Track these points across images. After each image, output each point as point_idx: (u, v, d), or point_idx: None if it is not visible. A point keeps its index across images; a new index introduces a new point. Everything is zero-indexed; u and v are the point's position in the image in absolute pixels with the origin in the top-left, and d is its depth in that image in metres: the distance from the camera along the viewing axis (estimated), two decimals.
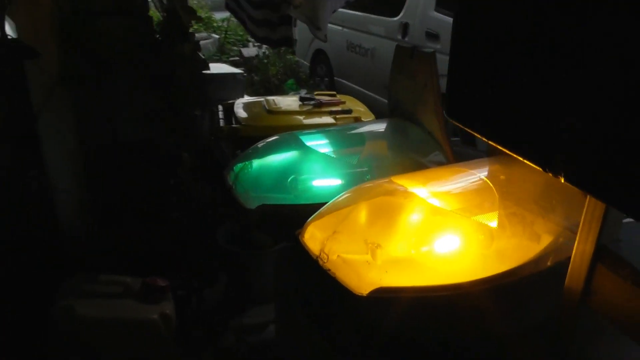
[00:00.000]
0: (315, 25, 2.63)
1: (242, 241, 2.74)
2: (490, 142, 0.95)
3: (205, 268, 2.90)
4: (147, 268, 2.65)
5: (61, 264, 2.16)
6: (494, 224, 1.31)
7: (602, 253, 0.95)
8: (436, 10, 4.74)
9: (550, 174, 0.80)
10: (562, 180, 0.78)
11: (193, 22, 2.57)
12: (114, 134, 2.64)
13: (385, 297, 1.11)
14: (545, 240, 1.31)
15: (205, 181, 3.09)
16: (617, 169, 0.69)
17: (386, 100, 5.24)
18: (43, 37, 1.96)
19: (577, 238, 0.99)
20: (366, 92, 5.79)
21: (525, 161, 0.86)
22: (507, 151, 0.90)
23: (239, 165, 1.82)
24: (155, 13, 2.96)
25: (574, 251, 1.01)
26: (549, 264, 1.20)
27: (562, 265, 1.21)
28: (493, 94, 0.92)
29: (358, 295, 1.12)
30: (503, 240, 1.30)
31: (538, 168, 0.83)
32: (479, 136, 0.97)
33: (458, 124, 1.01)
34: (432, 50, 1.69)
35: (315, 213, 1.39)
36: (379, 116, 3.38)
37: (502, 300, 1.16)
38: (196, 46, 2.64)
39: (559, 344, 1.08)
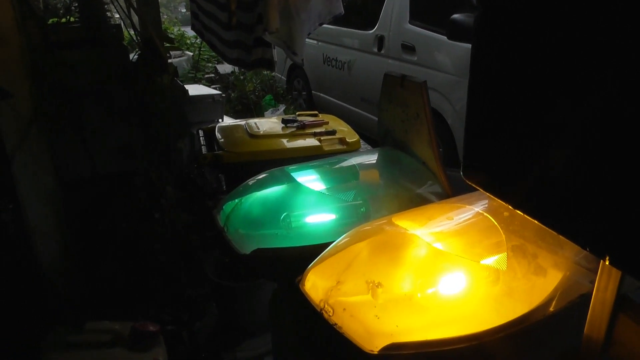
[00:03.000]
0: (292, 50, 2.58)
1: (231, 271, 2.68)
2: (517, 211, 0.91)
3: (194, 300, 2.84)
4: (135, 305, 2.57)
5: (43, 313, 2.06)
6: (499, 264, 1.27)
7: (623, 302, 0.92)
8: (410, 22, 4.76)
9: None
10: (607, 263, 0.74)
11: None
12: (93, 168, 2.55)
13: (398, 353, 1.06)
14: (553, 276, 1.27)
15: (188, 210, 3.02)
16: None
17: (365, 113, 5.30)
18: (15, 77, 1.87)
19: (596, 286, 0.96)
20: (344, 104, 5.80)
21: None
22: (539, 222, 0.86)
23: (230, 204, 1.75)
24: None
25: (592, 299, 0.97)
26: (561, 305, 1.17)
27: (574, 306, 1.19)
28: (517, 159, 0.87)
29: (369, 352, 1.06)
30: (509, 279, 1.26)
31: (577, 245, 0.79)
32: (503, 202, 0.93)
33: (477, 187, 0.97)
34: (423, 80, 1.65)
35: (315, 259, 1.34)
36: (359, 129, 3.35)
37: (517, 347, 1.12)
38: (175, 74, 2.57)
39: None
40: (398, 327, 1.15)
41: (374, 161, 1.94)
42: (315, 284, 1.28)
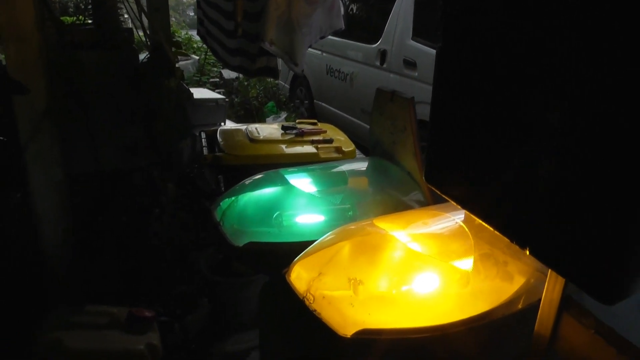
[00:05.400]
0: (293, 61, 2.72)
1: (224, 268, 2.79)
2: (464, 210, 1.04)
3: (187, 294, 2.94)
4: (130, 296, 2.68)
5: (45, 295, 2.18)
6: (469, 266, 1.39)
7: (567, 303, 1.04)
8: (413, 39, 4.90)
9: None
10: (527, 253, 0.87)
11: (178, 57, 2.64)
12: (98, 164, 2.68)
13: (368, 338, 1.18)
14: (518, 281, 1.40)
15: (186, 208, 3.14)
16: (576, 249, 0.79)
17: (364, 124, 5.43)
18: (32, 74, 2.00)
19: (545, 288, 1.08)
20: (345, 115, 5.93)
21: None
22: (479, 220, 0.99)
23: (227, 201, 1.88)
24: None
25: (542, 299, 1.09)
26: (521, 306, 1.29)
27: (533, 307, 1.31)
28: (466, 168, 1.01)
29: (342, 336, 1.19)
30: (478, 282, 1.38)
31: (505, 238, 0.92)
32: (453, 203, 1.07)
33: (435, 189, 1.11)
34: (411, 96, 1.78)
35: (301, 253, 1.46)
36: (358, 140, 3.47)
37: (478, 340, 1.24)
38: (182, 78, 2.70)
39: None
40: (370, 316, 1.27)
41: (364, 169, 2.07)
42: (300, 275, 1.40)
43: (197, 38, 7.36)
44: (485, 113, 0.93)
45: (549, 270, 1.07)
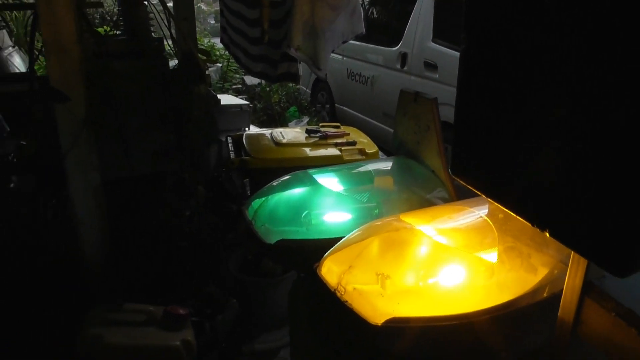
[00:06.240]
0: (316, 65, 2.79)
1: (252, 269, 2.87)
2: (488, 199, 1.10)
3: (217, 295, 3.02)
4: (160, 296, 2.77)
5: (85, 293, 2.29)
6: (494, 258, 1.44)
7: (589, 288, 1.09)
8: (433, 41, 4.94)
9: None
10: (548, 235, 0.93)
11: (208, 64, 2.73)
12: (131, 168, 2.78)
13: (398, 326, 1.24)
14: (542, 273, 1.44)
15: (214, 212, 3.23)
16: (596, 231, 0.85)
17: (385, 127, 5.47)
18: (72, 83, 2.11)
19: (567, 274, 1.13)
20: (366, 118, 5.98)
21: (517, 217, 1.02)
22: (502, 207, 1.06)
23: (257, 201, 1.96)
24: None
25: (565, 286, 1.14)
26: (545, 295, 1.33)
27: (556, 297, 1.35)
28: (488, 159, 1.08)
29: (373, 325, 1.25)
30: (502, 273, 1.43)
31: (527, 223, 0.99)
32: (479, 193, 1.13)
33: (461, 182, 1.17)
34: (434, 96, 1.85)
35: (331, 248, 1.53)
36: (380, 143, 3.53)
37: (503, 328, 1.29)
38: (210, 85, 2.81)
39: None
40: (399, 306, 1.33)
41: (389, 168, 2.14)
42: (331, 269, 1.47)
43: (219, 45, 7.46)
44: (505, 107, 1.00)
45: (571, 256, 1.12)
